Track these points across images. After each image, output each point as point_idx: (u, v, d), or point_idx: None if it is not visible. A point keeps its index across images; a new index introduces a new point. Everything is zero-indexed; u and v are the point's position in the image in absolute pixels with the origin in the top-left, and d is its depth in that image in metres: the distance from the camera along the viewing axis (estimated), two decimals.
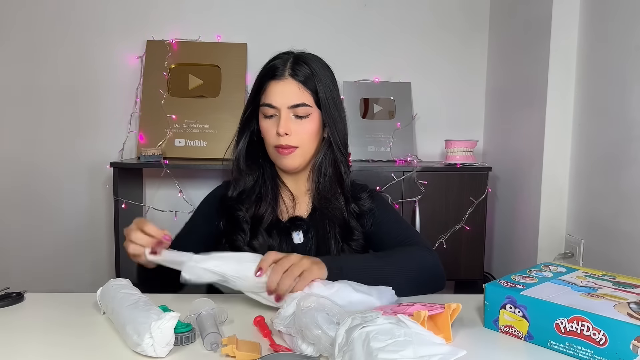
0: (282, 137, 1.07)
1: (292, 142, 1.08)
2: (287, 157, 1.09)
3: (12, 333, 0.83)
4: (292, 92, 1.07)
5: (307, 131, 1.09)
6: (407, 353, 0.64)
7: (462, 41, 2.23)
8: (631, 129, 1.38)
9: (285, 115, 1.07)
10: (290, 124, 1.07)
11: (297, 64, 1.09)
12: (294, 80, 1.07)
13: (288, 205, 1.16)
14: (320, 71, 1.10)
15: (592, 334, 0.70)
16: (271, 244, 1.10)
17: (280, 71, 1.08)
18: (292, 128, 1.07)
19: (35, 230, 2.16)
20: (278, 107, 1.07)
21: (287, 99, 1.07)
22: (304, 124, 1.09)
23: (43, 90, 2.13)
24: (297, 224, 1.13)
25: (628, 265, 1.37)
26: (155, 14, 2.14)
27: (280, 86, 1.07)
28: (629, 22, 1.40)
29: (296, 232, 1.13)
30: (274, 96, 1.07)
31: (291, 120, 1.08)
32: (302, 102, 1.07)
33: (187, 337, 0.77)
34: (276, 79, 1.08)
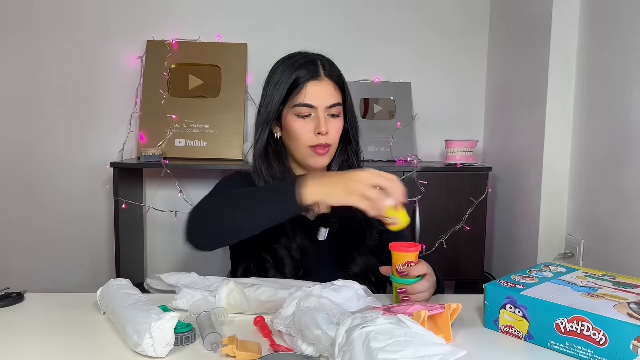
0: (322, 136, 1.08)
1: (329, 141, 1.10)
2: (322, 156, 1.10)
3: (12, 333, 0.83)
4: (329, 92, 1.09)
5: (339, 130, 1.12)
6: (407, 353, 0.64)
7: (462, 41, 2.23)
8: (631, 129, 1.38)
9: (323, 114, 1.08)
10: (327, 123, 1.09)
11: (327, 64, 1.12)
12: (330, 81, 1.10)
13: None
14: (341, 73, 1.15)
15: (592, 334, 0.70)
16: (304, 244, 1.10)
17: (317, 71, 1.09)
18: (329, 127, 1.09)
19: (36, 230, 2.16)
20: (316, 106, 1.08)
21: (325, 99, 1.09)
22: (336, 122, 1.11)
23: (43, 90, 2.13)
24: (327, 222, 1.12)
25: (628, 265, 1.37)
26: (155, 14, 2.14)
27: (318, 86, 1.09)
28: (629, 22, 1.40)
29: (324, 229, 1.13)
30: (313, 96, 1.08)
31: (327, 119, 1.09)
32: (337, 102, 1.10)
33: (187, 337, 0.77)
34: (314, 79, 1.09)
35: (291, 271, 1.09)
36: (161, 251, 2.19)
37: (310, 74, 1.09)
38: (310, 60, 1.11)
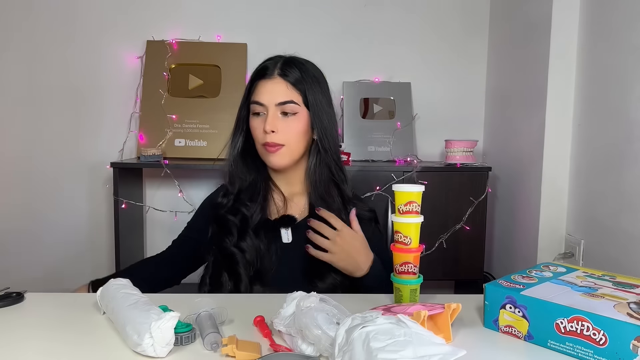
0: (268, 134, 1.08)
1: (279, 140, 1.09)
2: (274, 155, 1.11)
3: (12, 333, 0.83)
4: (280, 90, 1.10)
5: (294, 129, 1.10)
6: (407, 353, 0.64)
7: (462, 41, 2.23)
8: (631, 129, 1.37)
9: (272, 112, 1.09)
10: (277, 121, 1.09)
11: (287, 65, 1.12)
12: (282, 79, 1.10)
13: (279, 206, 1.17)
14: (310, 73, 1.12)
15: (592, 334, 0.70)
16: (258, 245, 1.10)
17: (269, 71, 1.11)
18: (278, 126, 1.09)
19: (36, 230, 2.16)
20: (266, 104, 1.09)
21: (275, 97, 1.09)
22: (291, 122, 1.10)
23: (43, 90, 2.13)
24: (285, 222, 1.13)
25: (628, 265, 1.37)
26: (155, 14, 2.14)
27: (269, 85, 1.10)
28: (629, 22, 1.40)
29: (285, 230, 1.13)
30: (262, 94, 1.10)
31: (278, 118, 1.10)
32: (289, 100, 1.09)
33: (187, 337, 0.77)
34: (265, 78, 1.11)
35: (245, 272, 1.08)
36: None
37: (263, 72, 1.11)
38: (271, 61, 1.13)
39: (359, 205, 1.18)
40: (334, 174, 1.16)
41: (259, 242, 1.11)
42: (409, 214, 0.92)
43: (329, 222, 1.06)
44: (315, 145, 1.15)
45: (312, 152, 1.16)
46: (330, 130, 1.14)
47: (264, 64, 1.13)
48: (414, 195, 0.92)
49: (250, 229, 1.12)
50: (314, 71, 1.14)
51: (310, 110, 1.11)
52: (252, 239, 1.11)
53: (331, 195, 1.14)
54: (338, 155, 1.17)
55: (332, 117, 1.15)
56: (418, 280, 0.94)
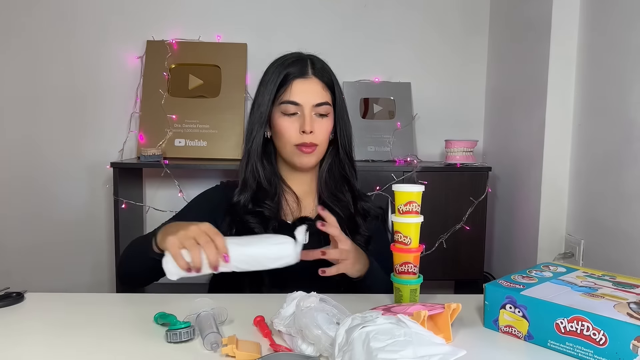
0: (306, 135, 1.08)
1: (315, 140, 1.09)
2: (308, 155, 1.10)
3: (12, 333, 0.83)
4: (317, 90, 1.09)
5: (326, 129, 1.11)
6: (407, 353, 0.64)
7: (462, 41, 2.23)
8: (631, 129, 1.37)
9: (309, 113, 1.08)
10: (313, 122, 1.09)
11: (317, 64, 1.12)
12: (318, 79, 1.10)
13: (292, 207, 1.16)
14: (334, 75, 1.14)
15: (592, 334, 0.70)
16: None
17: (304, 70, 1.10)
18: (315, 126, 1.09)
19: (36, 230, 2.16)
20: (302, 104, 1.08)
21: (312, 97, 1.09)
22: (324, 122, 1.11)
23: (43, 90, 2.13)
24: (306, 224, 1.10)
25: (628, 265, 1.37)
26: (155, 14, 2.14)
27: (305, 84, 1.09)
28: (629, 22, 1.40)
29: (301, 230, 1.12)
30: (299, 94, 1.08)
31: (314, 118, 1.10)
32: (325, 101, 1.10)
33: (187, 332, 0.77)
34: (301, 77, 1.09)
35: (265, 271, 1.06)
36: None
37: (298, 72, 1.09)
38: (300, 59, 1.12)
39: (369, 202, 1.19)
40: (347, 171, 1.17)
41: None
42: (409, 214, 0.92)
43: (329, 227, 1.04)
44: (334, 145, 1.16)
45: (330, 151, 1.16)
46: (349, 130, 1.17)
47: (293, 62, 1.11)
48: (414, 195, 0.93)
49: (270, 229, 1.10)
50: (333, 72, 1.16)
51: (337, 110, 1.13)
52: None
53: (342, 191, 1.16)
54: (353, 152, 1.18)
55: (348, 116, 1.18)
56: (418, 280, 0.95)
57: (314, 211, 1.17)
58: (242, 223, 1.11)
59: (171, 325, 0.78)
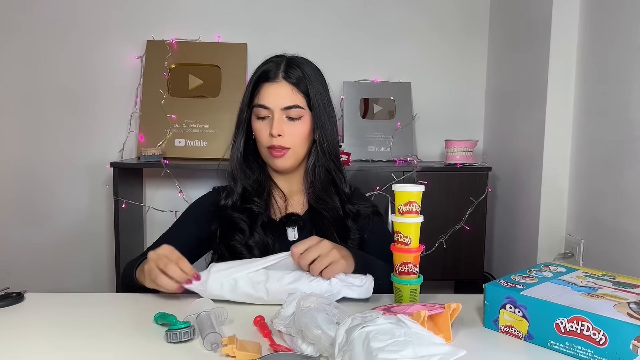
0: (275, 138, 1.09)
1: (285, 144, 1.10)
2: (279, 158, 1.11)
3: (12, 333, 0.83)
4: (285, 94, 1.09)
5: (299, 133, 1.11)
6: (407, 353, 0.64)
7: (462, 41, 2.23)
8: (631, 129, 1.38)
9: (278, 116, 1.09)
10: (283, 125, 1.10)
11: (290, 67, 1.11)
12: (287, 83, 1.10)
13: (280, 204, 1.18)
14: (312, 75, 1.13)
15: (592, 334, 0.70)
16: (266, 242, 1.11)
17: (273, 74, 1.10)
18: (284, 129, 1.09)
19: (36, 230, 2.16)
20: (271, 108, 1.09)
21: (280, 101, 1.09)
22: (296, 125, 1.11)
23: (43, 90, 2.13)
24: (293, 220, 1.14)
25: (628, 265, 1.37)
26: (155, 14, 2.14)
27: (273, 88, 1.10)
28: (629, 22, 1.40)
29: (291, 229, 1.14)
30: (268, 98, 1.10)
31: (284, 121, 1.10)
32: (294, 104, 1.10)
33: (187, 332, 0.77)
34: (270, 81, 1.10)
35: None
36: None
37: (267, 75, 1.10)
38: (274, 62, 1.12)
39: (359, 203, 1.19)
40: (333, 174, 1.16)
41: (267, 239, 1.11)
42: (409, 214, 0.92)
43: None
44: (315, 147, 1.16)
45: (312, 153, 1.16)
46: (331, 131, 1.15)
47: (266, 66, 1.12)
48: (414, 195, 0.93)
49: (258, 225, 1.12)
50: (315, 71, 1.14)
51: (313, 112, 1.12)
52: (261, 236, 1.11)
53: (329, 194, 1.15)
54: (337, 155, 1.17)
55: (332, 117, 1.16)
56: (418, 280, 0.95)
57: (302, 208, 1.18)
58: (229, 222, 1.13)
59: (171, 325, 0.78)
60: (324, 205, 1.14)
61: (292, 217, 1.14)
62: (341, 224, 1.14)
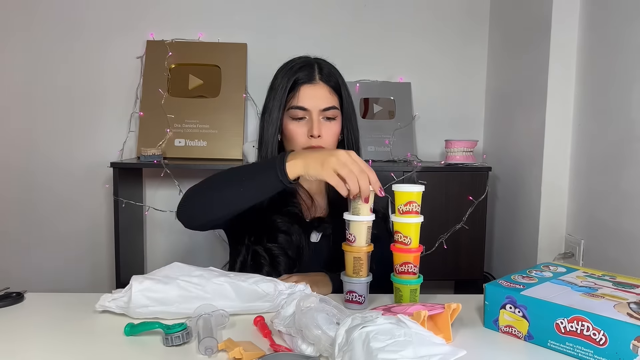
0: (314, 139, 1.10)
1: (322, 143, 1.12)
2: None
3: (12, 333, 0.83)
4: (324, 95, 1.12)
5: (334, 133, 1.14)
6: (407, 353, 0.64)
7: (462, 41, 2.23)
8: (631, 129, 1.38)
9: (316, 117, 1.11)
10: (321, 126, 1.11)
11: (325, 68, 1.14)
12: (325, 85, 1.12)
13: (307, 204, 1.19)
14: (342, 78, 1.16)
15: (592, 334, 0.70)
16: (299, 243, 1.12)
17: (310, 75, 1.12)
18: (322, 130, 1.11)
19: (35, 230, 2.16)
20: (310, 109, 1.11)
21: (319, 103, 1.11)
22: (332, 126, 1.13)
23: (43, 90, 2.13)
24: (323, 226, 1.15)
25: (628, 265, 1.37)
26: (155, 14, 2.14)
27: (312, 90, 1.11)
28: (629, 21, 1.40)
29: (316, 233, 1.16)
30: (307, 99, 1.11)
31: (322, 122, 1.12)
32: (332, 105, 1.12)
33: (177, 337, 0.76)
34: (308, 82, 1.11)
35: (285, 269, 1.10)
36: (161, 251, 2.19)
37: (305, 77, 1.12)
38: (307, 64, 1.14)
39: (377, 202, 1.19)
40: None
41: (301, 239, 1.13)
42: (409, 214, 0.93)
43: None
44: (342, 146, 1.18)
45: None
46: (356, 131, 1.19)
47: (300, 66, 1.13)
48: (413, 195, 0.93)
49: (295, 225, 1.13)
50: (340, 75, 1.17)
51: (344, 114, 1.15)
52: (297, 236, 1.13)
53: None
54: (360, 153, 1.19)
55: (356, 117, 1.20)
56: (418, 281, 0.95)
57: (325, 209, 1.20)
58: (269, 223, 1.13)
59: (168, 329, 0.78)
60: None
61: (322, 222, 1.15)
62: None
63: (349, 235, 0.95)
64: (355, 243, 0.94)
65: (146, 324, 0.80)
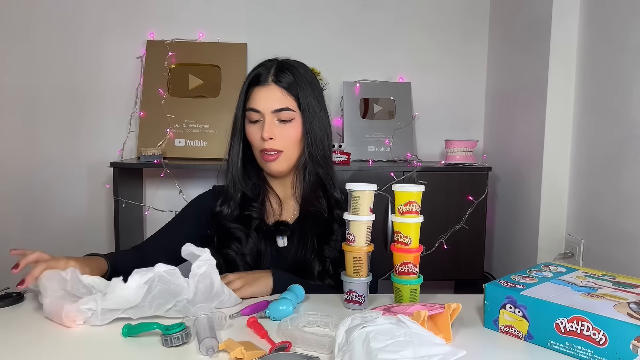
0: (266, 141, 1.10)
1: (277, 146, 1.11)
2: (272, 162, 1.12)
3: (12, 333, 0.83)
4: (275, 97, 1.10)
5: (291, 135, 1.12)
6: (407, 353, 0.64)
7: (462, 41, 2.23)
8: (631, 129, 1.37)
9: (269, 119, 1.10)
10: (274, 128, 1.10)
11: (280, 70, 1.12)
12: (277, 86, 1.11)
13: (275, 209, 1.19)
14: (303, 78, 1.13)
15: (592, 334, 0.70)
16: (259, 249, 1.13)
17: (263, 77, 1.11)
18: (276, 132, 1.10)
19: (35, 230, 2.16)
20: (262, 111, 1.10)
21: (271, 104, 1.10)
22: (288, 128, 1.11)
23: (43, 90, 2.13)
24: (282, 229, 1.15)
25: (628, 265, 1.37)
26: (155, 14, 2.14)
27: (263, 92, 1.11)
28: (629, 22, 1.40)
29: (280, 237, 1.15)
30: (258, 101, 1.11)
31: (275, 125, 1.11)
32: (285, 107, 1.10)
33: (177, 337, 0.76)
34: (260, 85, 1.11)
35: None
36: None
37: (257, 79, 1.12)
38: (264, 67, 1.14)
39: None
40: (321, 175, 1.16)
41: (260, 245, 1.13)
42: (409, 214, 0.93)
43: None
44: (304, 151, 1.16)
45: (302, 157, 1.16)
46: (321, 137, 1.15)
47: (257, 70, 1.14)
48: (414, 195, 0.93)
49: (253, 230, 1.14)
50: (306, 74, 1.14)
51: (303, 115, 1.12)
52: (255, 242, 1.13)
53: (317, 197, 1.16)
54: (327, 160, 1.17)
55: (323, 121, 1.16)
56: (418, 280, 0.95)
57: (295, 213, 1.19)
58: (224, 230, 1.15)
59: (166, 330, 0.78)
60: (310, 207, 1.15)
61: (281, 226, 1.15)
62: (326, 226, 1.14)
63: (349, 235, 0.95)
64: (355, 243, 0.94)
65: (144, 325, 0.80)
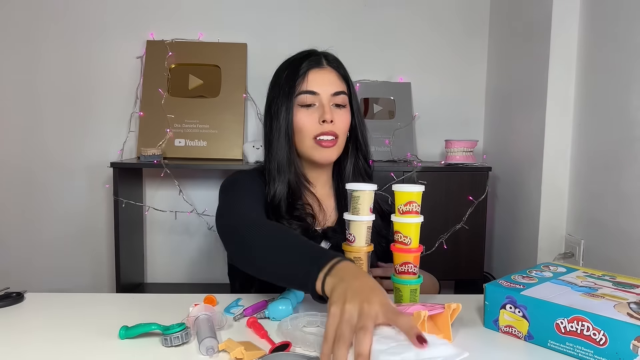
0: (326, 124, 1.04)
1: (336, 130, 1.06)
2: (328, 149, 1.06)
3: (12, 333, 0.83)
4: (333, 80, 1.08)
5: (346, 121, 1.08)
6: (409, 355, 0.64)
7: (462, 41, 2.23)
8: (631, 129, 1.38)
9: (327, 102, 1.06)
10: (332, 112, 1.06)
11: (330, 57, 1.12)
12: (334, 70, 1.09)
13: (316, 210, 1.12)
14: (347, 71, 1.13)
15: (592, 334, 0.70)
16: None
17: (319, 60, 1.09)
18: (334, 116, 1.06)
19: (35, 230, 2.16)
20: (320, 93, 1.06)
21: (329, 87, 1.07)
22: (343, 113, 1.08)
23: (43, 90, 2.13)
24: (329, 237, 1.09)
25: (628, 265, 1.37)
26: (155, 14, 2.14)
27: (321, 74, 1.08)
28: (629, 22, 1.40)
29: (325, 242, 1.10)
30: (316, 83, 1.06)
31: (332, 109, 1.07)
32: (342, 90, 1.08)
33: (177, 337, 0.76)
34: (317, 67, 1.08)
35: None
36: (161, 251, 2.19)
37: (312, 62, 1.08)
38: (313, 53, 1.11)
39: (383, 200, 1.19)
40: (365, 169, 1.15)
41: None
42: (409, 214, 0.92)
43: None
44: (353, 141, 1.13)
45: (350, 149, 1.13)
46: (365, 130, 1.14)
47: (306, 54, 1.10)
48: (414, 195, 0.93)
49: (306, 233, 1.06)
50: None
51: (353, 103, 1.11)
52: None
53: None
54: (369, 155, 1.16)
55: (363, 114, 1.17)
56: (418, 281, 0.94)
57: (333, 214, 1.15)
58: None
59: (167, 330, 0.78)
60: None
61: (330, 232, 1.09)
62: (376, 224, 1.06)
63: (349, 235, 0.95)
64: (355, 243, 0.94)
65: (142, 326, 0.80)
